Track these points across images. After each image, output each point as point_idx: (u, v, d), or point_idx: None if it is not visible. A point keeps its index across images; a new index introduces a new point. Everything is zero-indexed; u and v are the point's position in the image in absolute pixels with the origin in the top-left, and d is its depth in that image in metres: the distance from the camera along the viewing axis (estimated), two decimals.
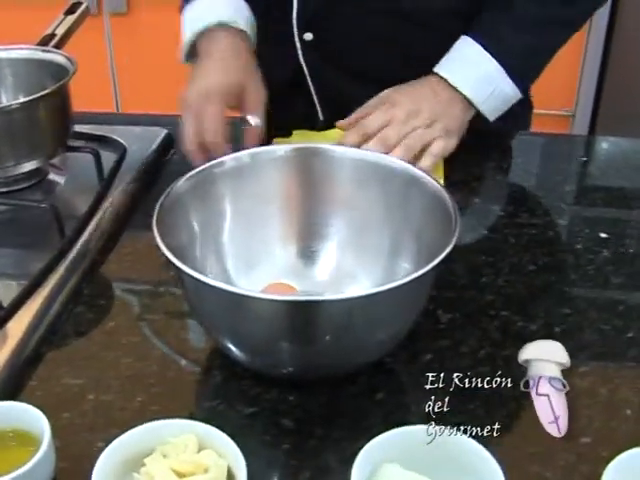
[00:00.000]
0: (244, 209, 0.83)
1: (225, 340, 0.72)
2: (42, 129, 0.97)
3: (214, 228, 0.82)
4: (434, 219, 0.75)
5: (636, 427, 0.69)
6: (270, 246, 0.84)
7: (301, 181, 0.84)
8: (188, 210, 0.79)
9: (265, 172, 0.83)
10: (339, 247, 0.84)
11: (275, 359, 0.71)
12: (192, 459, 0.59)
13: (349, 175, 0.83)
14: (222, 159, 0.83)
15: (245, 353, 0.72)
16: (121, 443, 0.61)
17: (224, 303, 0.68)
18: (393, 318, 0.71)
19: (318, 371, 0.72)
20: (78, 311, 0.84)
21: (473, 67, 1.01)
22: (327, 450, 0.67)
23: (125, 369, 0.77)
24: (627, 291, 0.86)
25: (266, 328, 0.68)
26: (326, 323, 0.67)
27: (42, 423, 0.63)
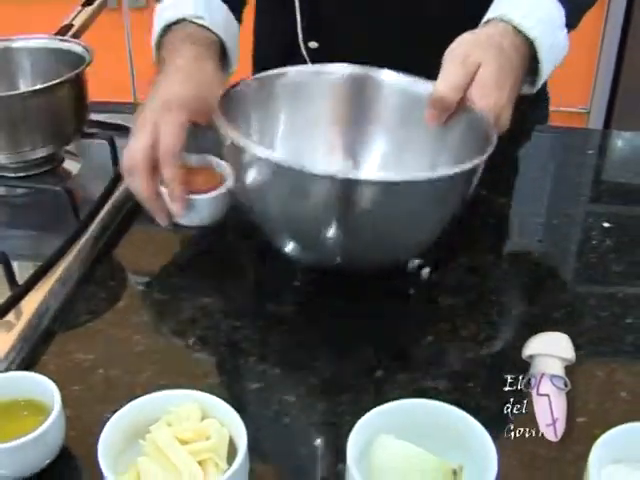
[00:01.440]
0: (298, 118, 0.88)
1: (279, 231, 0.78)
2: (58, 116, 1.00)
3: (269, 131, 0.87)
4: (471, 141, 0.79)
5: (630, 408, 0.70)
6: (317, 155, 0.89)
7: (352, 101, 0.89)
8: (248, 109, 0.84)
9: (321, 88, 0.89)
10: (382, 161, 0.89)
11: (322, 247, 0.75)
12: (194, 427, 0.61)
13: (395, 99, 0.88)
14: (285, 69, 0.88)
15: (297, 242, 0.78)
16: (127, 412, 0.63)
17: (284, 181, 0.72)
18: (429, 212, 0.76)
19: (359, 261, 0.78)
20: (90, 291, 0.86)
21: (539, 9, 0.86)
22: (327, 424, 0.69)
23: (134, 345, 0.79)
24: (627, 279, 0.87)
25: (315, 207, 0.72)
26: (367, 205, 0.72)
27: (53, 392, 0.66)
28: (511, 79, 0.82)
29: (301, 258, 0.80)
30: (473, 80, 0.81)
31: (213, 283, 0.87)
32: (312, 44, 1.10)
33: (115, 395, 0.73)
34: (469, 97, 0.81)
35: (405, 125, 0.88)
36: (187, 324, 0.82)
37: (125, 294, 0.87)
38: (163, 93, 0.87)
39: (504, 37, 0.84)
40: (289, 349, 0.78)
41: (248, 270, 0.89)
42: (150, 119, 0.85)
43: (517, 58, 0.84)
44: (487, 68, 0.81)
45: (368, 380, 0.74)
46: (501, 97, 0.81)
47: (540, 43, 0.85)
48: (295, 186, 0.72)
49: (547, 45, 0.85)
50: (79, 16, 1.12)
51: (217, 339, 0.80)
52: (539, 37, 0.84)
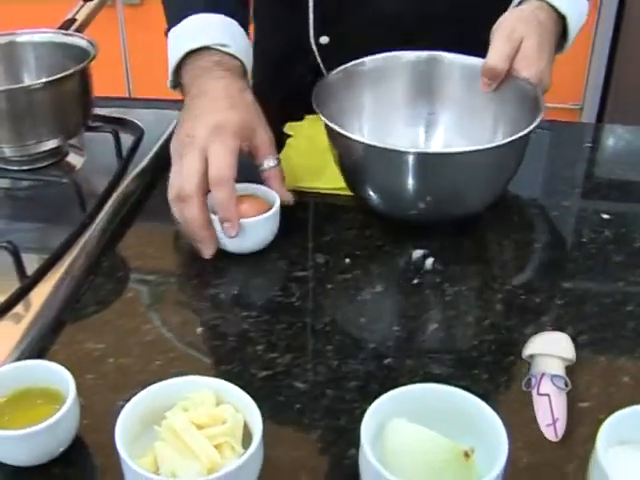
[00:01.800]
0: (377, 98, 1.04)
1: (368, 191, 0.92)
2: (64, 109, 1.00)
3: (356, 110, 1.02)
4: (523, 108, 0.93)
5: (633, 393, 0.72)
6: (396, 127, 1.05)
7: (422, 79, 1.04)
8: (338, 96, 0.99)
9: (394, 71, 1.04)
10: (449, 130, 1.05)
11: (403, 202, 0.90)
12: (210, 412, 0.62)
13: (458, 76, 1.02)
14: (362, 60, 1.01)
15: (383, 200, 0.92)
16: (143, 398, 0.64)
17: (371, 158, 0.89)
18: (492, 174, 0.91)
19: (435, 214, 0.91)
20: (98, 282, 0.87)
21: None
22: (337, 410, 0.70)
23: (143, 335, 0.80)
24: (627, 268, 0.88)
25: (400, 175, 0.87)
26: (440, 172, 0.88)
27: (67, 380, 0.67)
28: (548, 48, 0.95)
29: (385, 210, 0.94)
30: (518, 52, 0.94)
31: (219, 274, 0.88)
32: (323, 39, 1.11)
33: (127, 383, 0.73)
34: (515, 67, 0.94)
35: (468, 97, 1.02)
36: (195, 314, 0.83)
37: (132, 285, 0.87)
38: (211, 119, 0.87)
39: (541, 12, 0.97)
40: (297, 337, 0.79)
41: (252, 262, 0.89)
42: (199, 144, 0.85)
43: (552, 30, 0.97)
44: (529, 41, 0.94)
45: (376, 367, 0.75)
46: (541, 65, 0.94)
47: (570, 16, 0.98)
48: (383, 161, 0.89)
49: (575, 17, 0.99)
50: (81, 11, 1.13)
51: (225, 329, 0.81)
52: (569, 11, 0.98)
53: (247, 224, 0.87)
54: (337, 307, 0.83)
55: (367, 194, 0.93)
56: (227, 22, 0.97)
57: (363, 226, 0.95)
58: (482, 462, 0.60)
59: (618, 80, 2.29)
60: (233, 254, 0.89)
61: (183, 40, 0.96)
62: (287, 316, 0.81)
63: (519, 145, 0.90)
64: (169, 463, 0.60)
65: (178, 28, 0.98)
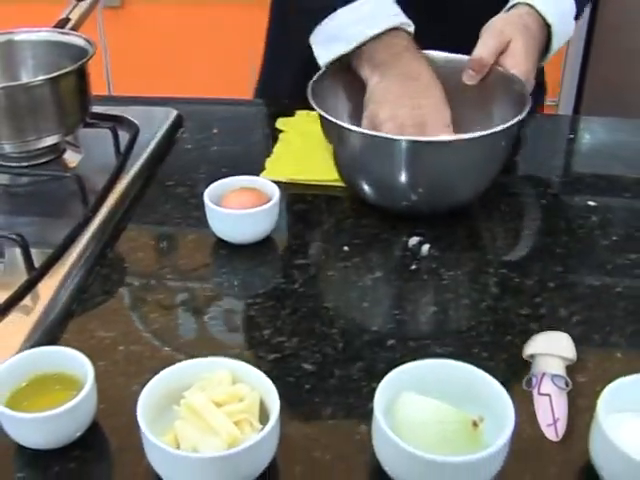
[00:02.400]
0: None
1: (361, 182, 0.95)
2: (63, 106, 1.02)
3: (348, 106, 1.04)
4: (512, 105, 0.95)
5: (627, 367, 0.74)
6: None
7: None
8: (332, 91, 1.02)
9: None
10: None
11: (396, 192, 0.93)
12: (227, 390, 0.65)
13: (448, 73, 1.01)
14: None
15: (375, 190, 0.95)
16: (161, 379, 0.66)
17: (367, 146, 0.91)
18: (482, 164, 0.94)
19: (426, 204, 0.94)
20: (104, 272, 0.89)
21: (561, 3, 1.05)
22: (346, 389, 0.73)
23: (151, 323, 0.82)
24: (615, 252, 0.92)
25: (392, 163, 0.90)
26: (433, 160, 0.90)
27: (85, 366, 0.69)
28: (533, 52, 1.00)
29: (378, 201, 0.96)
30: (505, 51, 0.98)
31: (222, 264, 0.91)
32: None
33: (138, 369, 0.76)
34: (502, 64, 0.99)
35: (457, 92, 1.01)
36: (201, 302, 0.85)
37: (137, 275, 0.89)
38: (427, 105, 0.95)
39: (529, 18, 1.01)
40: (302, 322, 0.81)
41: (254, 252, 0.92)
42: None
43: (538, 36, 1.02)
44: (517, 42, 0.99)
45: (380, 349, 0.78)
46: (528, 66, 0.98)
47: (556, 26, 1.02)
48: (376, 148, 0.90)
49: (560, 30, 1.03)
50: (75, 10, 1.14)
51: (232, 315, 0.83)
52: (556, 23, 1.02)
53: (248, 215, 0.90)
54: (339, 292, 0.86)
55: (360, 185, 0.95)
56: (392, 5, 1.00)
57: (359, 216, 0.98)
58: (489, 432, 0.63)
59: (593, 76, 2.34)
60: (235, 244, 0.92)
61: (367, 20, 0.96)
62: (291, 301, 0.84)
63: (508, 134, 0.92)
64: (190, 440, 0.63)
65: (351, 8, 0.97)
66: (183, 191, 1.04)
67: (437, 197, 0.94)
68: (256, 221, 0.91)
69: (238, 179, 0.95)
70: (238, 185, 0.94)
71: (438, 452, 0.59)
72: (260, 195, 0.93)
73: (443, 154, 0.90)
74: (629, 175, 1.06)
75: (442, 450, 0.60)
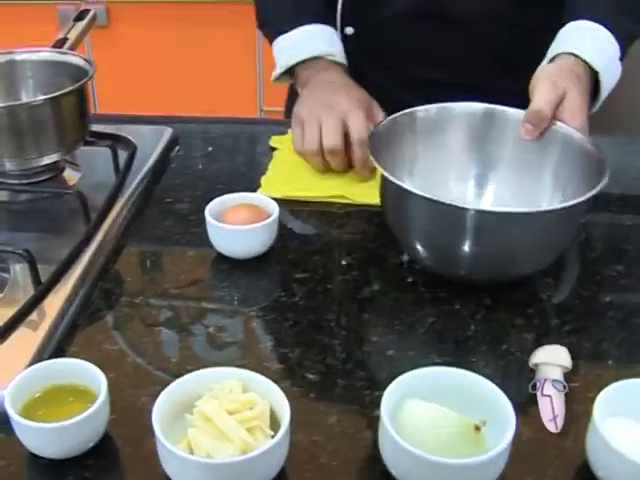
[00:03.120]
0: (428, 151, 1.01)
1: (417, 245, 0.89)
2: (63, 124, 1.04)
3: (407, 162, 1.00)
4: (581, 170, 0.91)
5: (618, 373, 0.78)
6: (446, 182, 1.01)
7: (475, 133, 1.01)
8: (391, 145, 0.97)
9: (447, 123, 1.01)
10: (500, 189, 1.01)
11: (453, 261, 0.87)
12: (239, 398, 0.67)
13: (514, 132, 0.98)
14: (413, 109, 0.99)
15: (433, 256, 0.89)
16: (173, 389, 0.68)
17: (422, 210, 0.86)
18: (547, 238, 0.86)
19: (481, 275, 0.88)
20: (107, 287, 0.91)
21: (605, 49, 1.04)
22: (349, 397, 0.76)
23: (156, 335, 0.84)
24: (602, 264, 0.95)
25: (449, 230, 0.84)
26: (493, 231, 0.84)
27: (98, 377, 0.71)
28: (586, 102, 0.98)
29: (434, 269, 0.91)
30: (561, 104, 0.95)
31: (223, 278, 0.93)
32: (348, 29, 1.21)
33: (147, 381, 0.78)
34: (561, 117, 0.95)
35: (523, 155, 0.98)
36: (204, 315, 0.88)
37: (140, 290, 0.92)
38: (350, 93, 1.08)
39: (578, 69, 1.00)
40: (303, 333, 0.84)
41: (254, 266, 0.94)
42: (340, 111, 1.04)
43: (588, 86, 1.00)
44: (572, 94, 0.95)
45: (381, 358, 0.81)
46: (583, 118, 0.95)
47: (604, 73, 1.02)
48: (434, 214, 0.85)
49: (608, 77, 1.03)
50: (72, 31, 1.17)
51: (235, 327, 0.86)
52: (603, 70, 1.02)
53: (248, 230, 0.92)
54: (339, 305, 0.88)
55: (415, 247, 0.90)
56: (328, 32, 1.16)
57: (355, 231, 1.01)
58: (491, 435, 0.66)
59: None
60: (235, 259, 0.94)
61: (295, 49, 1.16)
62: (292, 314, 0.86)
63: (579, 210, 0.85)
64: (203, 447, 0.65)
65: (289, 36, 1.17)
66: (182, 208, 1.06)
67: (496, 269, 0.89)
68: (256, 236, 0.93)
69: (238, 196, 0.98)
70: (238, 202, 0.97)
71: (443, 455, 0.62)
72: (259, 211, 0.95)
73: (510, 225, 0.84)
74: (614, 190, 1.10)
75: (446, 453, 0.63)
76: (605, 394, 0.67)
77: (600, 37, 1.03)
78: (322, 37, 1.16)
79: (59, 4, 2.28)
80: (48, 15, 2.27)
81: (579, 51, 1.00)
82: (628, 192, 1.11)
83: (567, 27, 1.05)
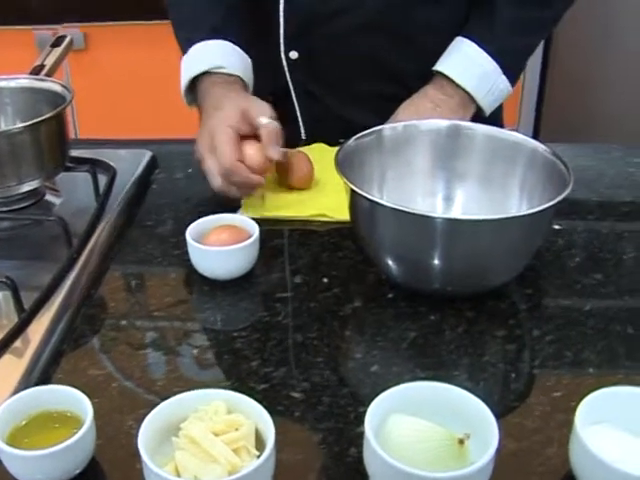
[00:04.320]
0: (396, 167, 1.02)
1: (390, 261, 0.90)
2: (43, 151, 1.05)
3: (375, 180, 1.00)
4: (547, 181, 0.93)
5: (599, 382, 0.78)
6: (415, 198, 1.02)
7: (440, 149, 1.02)
8: (359, 163, 0.97)
9: (413, 140, 1.02)
10: (468, 201, 1.02)
11: (424, 274, 0.87)
12: (224, 419, 0.67)
13: (479, 147, 1.01)
14: (380, 127, 1.00)
15: (401, 269, 0.90)
16: (158, 412, 0.68)
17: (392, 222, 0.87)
18: (517, 244, 0.88)
19: (456, 286, 0.89)
20: (91, 313, 0.92)
21: (475, 66, 1.15)
22: (334, 414, 0.76)
23: (142, 359, 0.85)
24: (581, 273, 0.97)
25: (419, 240, 0.86)
26: (463, 240, 0.85)
27: (84, 403, 0.71)
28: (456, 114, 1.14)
29: (408, 284, 0.92)
30: None
31: (206, 300, 0.94)
32: (292, 54, 1.20)
33: (133, 405, 0.78)
34: None
35: (488, 168, 1.01)
36: (189, 337, 0.88)
37: (124, 314, 0.92)
38: (207, 124, 1.06)
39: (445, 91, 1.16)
40: (287, 352, 0.84)
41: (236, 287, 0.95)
42: (207, 149, 1.04)
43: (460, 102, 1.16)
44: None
45: (365, 375, 0.81)
46: None
47: (476, 92, 1.16)
48: (404, 225, 0.86)
49: (483, 92, 1.16)
50: (49, 57, 1.17)
51: (220, 348, 0.86)
52: (475, 88, 1.16)
53: (229, 252, 0.93)
54: (322, 322, 0.89)
55: (387, 263, 0.90)
56: (222, 45, 1.15)
57: (335, 249, 1.02)
58: (475, 449, 0.66)
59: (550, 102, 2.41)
60: (217, 281, 0.95)
61: (189, 67, 1.15)
62: (276, 333, 0.87)
63: (544, 216, 0.87)
64: (191, 470, 0.65)
65: (186, 57, 1.17)
66: (162, 231, 1.07)
67: (469, 279, 0.89)
68: (238, 257, 0.94)
69: (218, 217, 0.99)
70: (218, 223, 0.97)
71: (427, 469, 0.62)
72: (240, 232, 0.96)
73: (481, 233, 0.85)
74: (592, 198, 1.11)
75: (431, 467, 0.63)
76: (586, 402, 0.68)
77: (470, 54, 1.15)
78: (215, 51, 1.15)
79: (36, 29, 2.28)
80: (25, 40, 2.27)
81: (449, 74, 1.14)
82: (604, 200, 1.12)
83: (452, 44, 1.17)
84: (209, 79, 1.12)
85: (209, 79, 1.12)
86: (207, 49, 1.15)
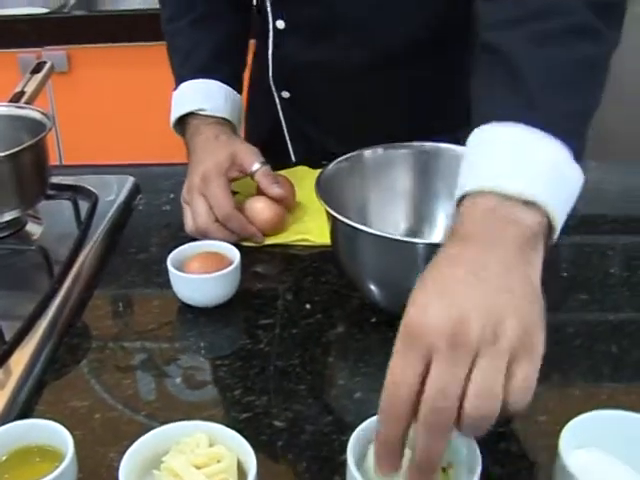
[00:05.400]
0: (377, 191, 1.01)
1: (372, 286, 0.89)
2: (23, 180, 1.04)
3: (356, 204, 0.99)
4: None
5: (585, 405, 0.78)
6: (398, 222, 1.02)
7: (422, 171, 1.01)
8: (339, 187, 0.97)
9: (392, 162, 1.02)
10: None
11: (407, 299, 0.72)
12: (206, 452, 0.67)
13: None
14: (359, 151, 1.00)
15: (384, 294, 0.89)
16: (139, 446, 0.68)
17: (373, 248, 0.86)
18: None
19: None
20: (73, 342, 0.91)
21: (530, 163, 0.67)
22: (318, 442, 0.76)
23: (125, 389, 0.84)
24: (565, 293, 0.97)
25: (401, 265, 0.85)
26: None
27: (65, 436, 0.70)
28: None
29: (392, 310, 0.86)
30: None
31: (188, 328, 0.93)
32: (284, 93, 1.21)
33: (116, 436, 0.77)
34: None
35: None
36: (171, 366, 0.88)
37: (106, 344, 0.91)
38: (199, 169, 1.06)
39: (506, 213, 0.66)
40: (270, 380, 0.84)
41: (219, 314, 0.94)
42: (197, 192, 1.05)
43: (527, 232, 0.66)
44: None
45: (349, 401, 0.81)
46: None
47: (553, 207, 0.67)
48: (385, 251, 0.86)
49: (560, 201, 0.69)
50: (29, 84, 1.17)
51: (202, 377, 0.85)
52: (549, 200, 0.67)
53: (211, 279, 0.92)
54: (304, 349, 0.88)
55: (370, 288, 0.90)
56: (208, 85, 1.15)
57: (317, 273, 1.01)
58: (459, 477, 0.66)
59: None
60: (199, 308, 0.94)
61: (177, 105, 1.17)
62: (259, 361, 0.87)
63: None
64: None
65: (175, 93, 1.18)
66: (145, 257, 1.06)
67: None
68: (219, 284, 0.94)
69: (199, 244, 0.98)
70: (199, 250, 0.97)
71: None
72: (222, 258, 0.96)
73: None
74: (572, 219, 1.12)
75: None
76: (570, 427, 0.68)
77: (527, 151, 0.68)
78: (199, 91, 1.16)
79: (19, 52, 2.28)
80: (8, 63, 2.27)
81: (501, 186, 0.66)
82: (587, 218, 1.12)
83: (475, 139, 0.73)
84: (198, 118, 1.14)
85: (198, 118, 1.14)
86: (194, 88, 1.16)
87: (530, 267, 0.67)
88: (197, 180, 1.06)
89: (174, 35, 1.22)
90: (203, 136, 1.12)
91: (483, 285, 0.63)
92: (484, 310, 0.61)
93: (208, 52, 1.18)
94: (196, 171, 1.07)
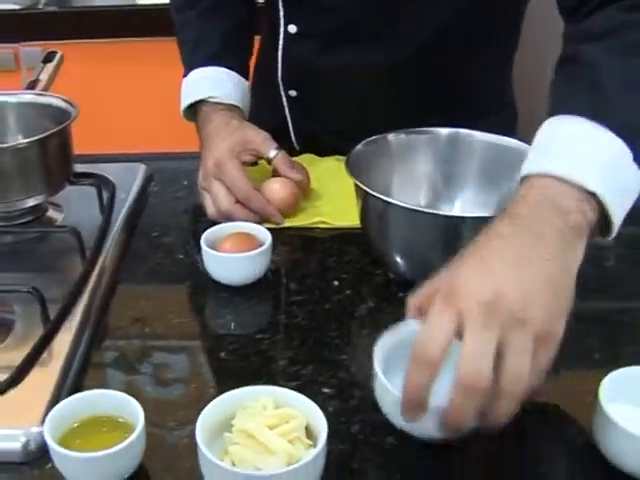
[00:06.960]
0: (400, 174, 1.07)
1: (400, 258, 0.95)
2: (49, 166, 1.06)
3: (381, 183, 1.01)
4: None
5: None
6: (417, 201, 1.07)
7: (442, 155, 1.07)
8: (366, 167, 1.01)
9: (415, 147, 1.07)
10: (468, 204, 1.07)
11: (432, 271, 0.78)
12: (276, 413, 0.71)
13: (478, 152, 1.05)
14: (384, 135, 1.05)
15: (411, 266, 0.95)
16: (211, 409, 0.71)
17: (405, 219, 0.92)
18: None
19: None
20: (112, 322, 0.94)
21: (592, 156, 0.72)
22: (367, 407, 0.80)
23: (173, 364, 0.87)
24: None
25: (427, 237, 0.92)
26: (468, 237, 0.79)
27: (135, 408, 0.73)
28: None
29: (412, 278, 0.90)
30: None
31: (224, 305, 0.97)
32: (292, 92, 1.24)
33: (173, 409, 0.80)
34: None
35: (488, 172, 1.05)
36: (212, 342, 0.92)
37: (146, 323, 0.93)
38: (212, 155, 1.10)
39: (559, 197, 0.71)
40: (312, 351, 0.88)
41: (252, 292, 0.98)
42: (214, 177, 1.09)
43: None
44: None
45: None
46: None
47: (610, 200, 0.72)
48: (412, 223, 0.92)
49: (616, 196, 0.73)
50: (43, 72, 1.19)
51: (246, 351, 0.89)
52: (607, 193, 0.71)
53: (245, 257, 0.96)
54: (340, 323, 0.93)
55: (397, 261, 0.95)
56: (218, 73, 1.19)
57: (340, 254, 1.06)
58: None
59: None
60: (232, 287, 0.98)
61: (186, 93, 1.20)
62: (298, 334, 0.91)
63: None
64: (248, 462, 0.68)
65: (185, 81, 1.22)
66: (169, 241, 1.09)
67: None
68: (253, 263, 0.97)
69: (229, 225, 1.02)
70: (231, 231, 1.01)
71: None
72: (252, 239, 0.99)
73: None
74: None
75: None
76: (610, 378, 0.73)
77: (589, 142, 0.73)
78: (209, 79, 1.19)
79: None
80: None
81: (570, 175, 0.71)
82: None
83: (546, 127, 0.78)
84: (208, 105, 1.17)
85: (208, 105, 1.17)
86: (204, 76, 1.20)
87: (573, 255, 0.70)
88: (211, 166, 1.09)
89: (183, 25, 1.25)
90: (214, 123, 1.15)
91: (524, 269, 0.68)
92: (520, 293, 0.66)
93: (216, 41, 1.22)
94: (210, 157, 1.11)
